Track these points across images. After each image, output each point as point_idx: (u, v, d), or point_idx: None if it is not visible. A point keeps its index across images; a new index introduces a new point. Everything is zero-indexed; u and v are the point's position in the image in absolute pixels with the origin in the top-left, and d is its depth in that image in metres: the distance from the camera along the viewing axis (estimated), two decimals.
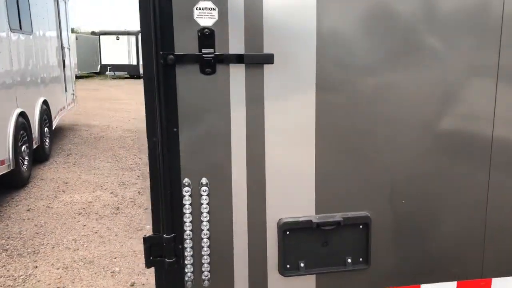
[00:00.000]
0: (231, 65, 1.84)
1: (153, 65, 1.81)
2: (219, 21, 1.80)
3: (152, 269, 3.61)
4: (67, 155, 7.62)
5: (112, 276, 3.56)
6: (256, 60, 1.83)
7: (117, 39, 27.48)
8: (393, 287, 2.16)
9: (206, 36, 1.80)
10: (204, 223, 1.93)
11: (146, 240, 1.93)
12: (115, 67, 27.46)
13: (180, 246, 1.94)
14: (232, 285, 2.03)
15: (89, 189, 5.75)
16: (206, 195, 1.91)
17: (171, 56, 1.78)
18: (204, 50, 1.80)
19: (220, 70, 1.84)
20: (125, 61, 27.54)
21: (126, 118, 11.60)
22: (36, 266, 3.71)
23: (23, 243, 4.14)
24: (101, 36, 27.47)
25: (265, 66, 1.86)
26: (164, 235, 1.92)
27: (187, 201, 1.90)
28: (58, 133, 8.56)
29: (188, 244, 1.94)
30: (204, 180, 1.91)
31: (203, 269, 1.97)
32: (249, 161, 1.93)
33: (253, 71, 1.86)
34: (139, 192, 5.60)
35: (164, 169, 1.86)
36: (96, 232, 4.40)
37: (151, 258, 1.95)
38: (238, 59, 1.82)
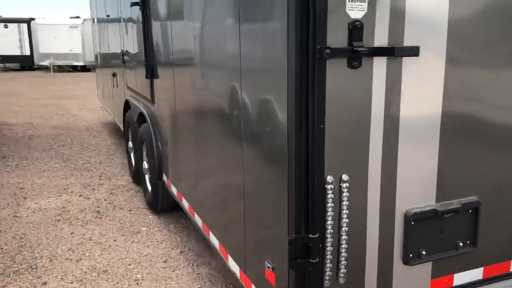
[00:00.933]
0: (374, 58, 1.82)
1: (304, 59, 1.73)
2: (368, 14, 1.77)
3: (178, 272, 3.47)
4: (3, 157, 6.84)
5: (137, 284, 3.31)
6: (405, 53, 1.83)
7: (6, 27, 25.02)
8: (490, 265, 2.30)
9: (357, 29, 1.76)
10: (344, 220, 1.90)
11: (292, 242, 1.85)
12: (5, 58, 25.05)
13: (320, 245, 1.89)
14: (363, 278, 2.02)
15: (53, 194, 5.24)
16: (347, 191, 1.88)
17: (328, 50, 1.72)
18: (355, 43, 1.76)
19: (365, 63, 1.81)
20: (16, 52, 25.22)
21: (46, 114, 10.66)
22: (45, 282, 3.32)
23: (12, 259, 3.67)
24: None
25: (404, 58, 1.87)
26: (310, 235, 1.86)
27: (329, 198, 1.86)
28: None
29: (329, 242, 1.90)
30: (345, 177, 1.87)
31: (340, 266, 1.95)
32: (384, 154, 1.93)
33: (394, 64, 1.86)
34: (112, 193, 5.22)
35: (314, 167, 1.80)
36: (90, 239, 4.04)
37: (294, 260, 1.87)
38: (388, 52, 1.81)
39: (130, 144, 5.60)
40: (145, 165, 4.68)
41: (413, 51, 1.84)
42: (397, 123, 1.92)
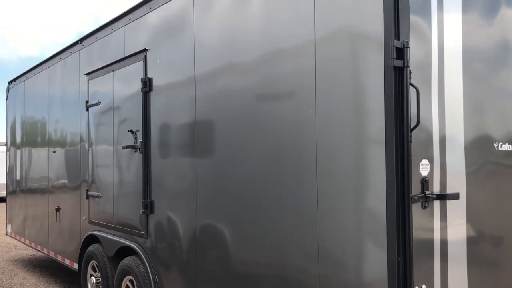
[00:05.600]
0: (435, 201, 2.67)
1: (400, 206, 2.50)
2: (430, 171, 2.65)
3: None
4: None
5: None
6: (453, 197, 2.71)
7: None
8: None
9: (426, 182, 2.61)
10: None
11: None
12: None
13: None
14: None
15: None
16: None
17: (416, 197, 2.53)
18: (426, 192, 2.60)
19: (430, 205, 2.65)
20: None
21: None
22: None
23: None
24: None
25: (449, 201, 2.75)
26: None
27: None
28: None
29: None
30: (424, 286, 2.58)
31: None
32: (442, 269, 2.70)
33: (443, 203, 2.73)
34: None
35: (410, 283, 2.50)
36: None
37: None
38: (444, 197, 2.67)
39: (93, 279, 5.55)
40: None
41: (456, 196, 2.74)
42: (446, 246, 2.74)
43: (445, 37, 2.79)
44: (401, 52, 2.48)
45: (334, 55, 2.77)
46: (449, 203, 2.76)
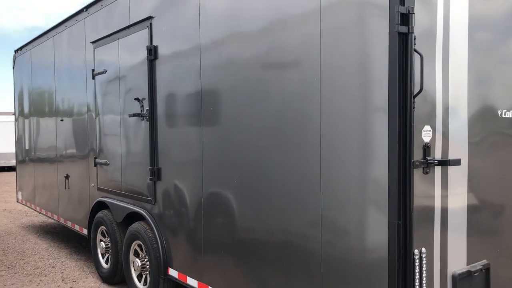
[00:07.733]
0: (436, 166, 2.72)
1: (402, 170, 2.55)
2: (432, 138, 2.69)
3: None
4: None
5: None
6: (455, 163, 2.76)
7: None
8: None
9: (427, 148, 2.65)
10: (424, 281, 2.65)
11: None
12: None
13: None
14: None
15: None
16: (425, 259, 2.65)
17: (417, 162, 2.57)
18: (428, 158, 2.64)
19: (431, 170, 2.69)
20: None
21: None
22: None
23: None
24: None
25: (450, 168, 2.79)
26: None
27: (417, 266, 2.61)
28: None
29: None
30: (423, 250, 2.65)
31: None
32: (442, 233, 2.77)
33: (444, 169, 2.77)
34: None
35: (409, 245, 2.56)
36: None
37: None
38: (446, 162, 2.71)
39: (102, 244, 5.70)
40: (138, 263, 4.90)
41: (458, 162, 2.78)
42: (446, 212, 2.80)
43: (451, 4, 2.77)
44: (406, 18, 2.48)
45: (340, 23, 2.77)
46: (451, 170, 2.81)
